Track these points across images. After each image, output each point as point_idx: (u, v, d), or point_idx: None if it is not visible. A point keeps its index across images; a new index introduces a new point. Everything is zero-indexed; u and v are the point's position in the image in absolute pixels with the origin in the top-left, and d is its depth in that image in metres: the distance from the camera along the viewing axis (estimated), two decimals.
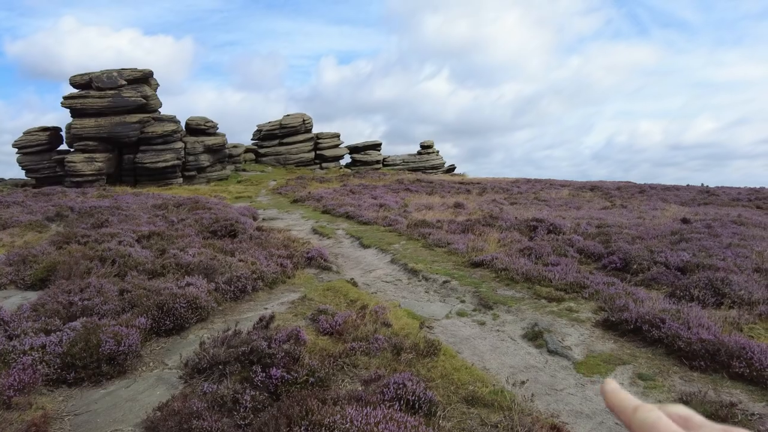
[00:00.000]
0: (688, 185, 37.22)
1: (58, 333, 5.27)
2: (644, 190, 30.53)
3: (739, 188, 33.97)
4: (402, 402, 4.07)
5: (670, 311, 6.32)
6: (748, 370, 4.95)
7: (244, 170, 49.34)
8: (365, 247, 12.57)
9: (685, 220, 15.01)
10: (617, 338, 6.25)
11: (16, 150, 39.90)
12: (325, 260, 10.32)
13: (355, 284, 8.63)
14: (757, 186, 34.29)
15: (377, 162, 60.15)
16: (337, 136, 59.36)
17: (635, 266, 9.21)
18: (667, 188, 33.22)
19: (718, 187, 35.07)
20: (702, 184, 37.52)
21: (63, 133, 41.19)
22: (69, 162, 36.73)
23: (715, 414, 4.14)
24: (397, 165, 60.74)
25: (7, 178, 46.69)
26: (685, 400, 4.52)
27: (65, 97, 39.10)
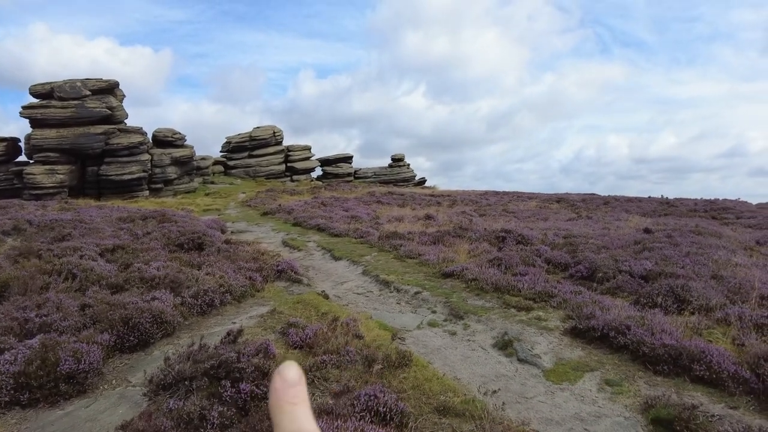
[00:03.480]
0: (649, 197, 38.54)
1: (12, 351, 5.02)
2: (608, 202, 31.46)
3: (696, 200, 35.35)
4: (373, 414, 4.03)
5: (635, 318, 6.49)
6: (708, 373, 5.12)
7: (212, 182, 48.54)
8: (337, 259, 12.49)
9: (647, 230, 15.52)
10: (585, 345, 6.37)
11: None
12: (295, 273, 10.20)
13: (326, 297, 8.55)
14: (713, 197, 35.78)
15: (349, 174, 60.19)
16: (309, 148, 59.19)
17: (601, 275, 9.44)
18: (630, 200, 34.33)
19: (677, 199, 36.43)
20: (662, 196, 38.93)
21: (22, 144, 39.68)
22: (28, 174, 35.37)
23: (678, 416, 4.25)
24: (369, 177, 60.93)
25: None
26: (650, 404, 4.63)
27: (24, 107, 37.76)
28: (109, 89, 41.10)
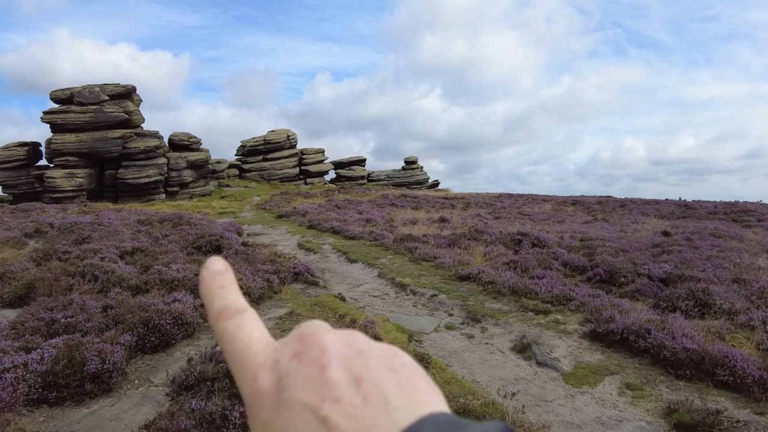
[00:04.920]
0: (666, 199, 38.02)
1: (39, 351, 5.13)
2: (625, 204, 31.10)
3: (715, 202, 34.80)
4: None
5: (655, 322, 6.42)
6: (732, 378, 5.04)
7: (227, 186, 49.03)
8: (352, 261, 12.54)
9: (665, 233, 15.32)
10: (604, 349, 6.31)
11: None
12: (311, 275, 10.26)
13: (342, 299, 8.59)
14: (732, 200, 35.18)
15: (362, 177, 60.36)
16: (322, 151, 59.49)
17: (619, 278, 9.35)
18: (646, 202, 33.90)
19: (695, 201, 35.88)
20: (680, 198, 38.38)
21: (42, 149, 40.53)
22: (48, 177, 36.10)
23: (702, 421, 4.20)
24: (382, 180, 61.02)
25: None
26: (673, 408, 4.58)
27: (45, 112, 38.60)
28: (127, 94, 41.81)
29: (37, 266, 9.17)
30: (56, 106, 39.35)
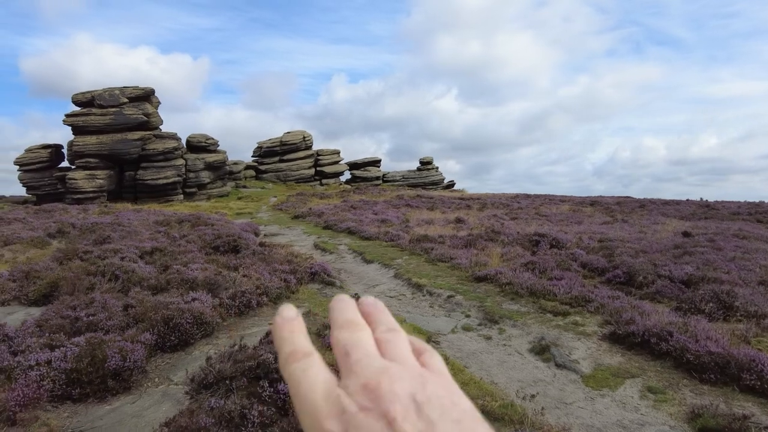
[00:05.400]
0: (687, 200, 37.32)
1: (62, 348, 5.23)
2: (644, 205, 30.60)
3: (738, 202, 34.04)
4: None
5: (677, 324, 6.29)
6: (759, 383, 4.92)
7: (244, 187, 49.50)
8: (368, 262, 12.55)
9: (686, 234, 15.02)
10: (624, 351, 6.21)
11: (18, 167, 40.04)
12: (328, 275, 10.29)
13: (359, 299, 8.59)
14: (757, 200, 34.37)
15: (377, 178, 60.41)
16: (338, 152, 59.71)
17: (640, 279, 9.19)
18: (666, 203, 33.31)
19: (717, 202, 35.14)
20: (701, 199, 37.63)
21: (64, 151, 41.40)
22: (70, 179, 36.85)
23: (728, 427, 4.10)
24: (397, 181, 61.01)
25: (8, 195, 46.77)
26: (697, 413, 4.48)
27: (67, 115, 39.42)
28: (145, 96, 42.48)
29: (60, 265, 9.36)
30: (78, 109, 40.17)
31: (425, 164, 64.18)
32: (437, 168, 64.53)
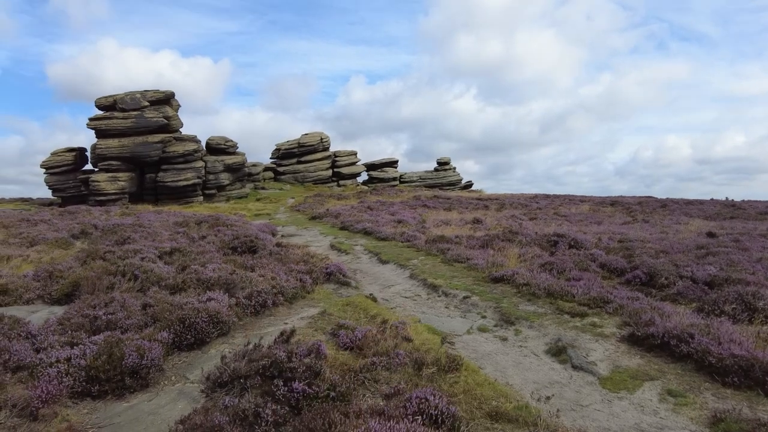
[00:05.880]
0: (712, 199, 36.45)
1: (82, 346, 5.34)
2: (666, 205, 29.98)
3: (766, 202, 33.11)
4: (425, 416, 4.00)
5: (699, 326, 6.13)
6: None
7: (263, 188, 49.97)
8: (383, 262, 12.54)
9: (710, 234, 14.66)
10: (644, 353, 6.08)
11: (44, 170, 41.11)
12: (344, 275, 10.32)
13: (374, 299, 8.59)
14: None
15: (394, 179, 60.39)
16: (354, 153, 59.88)
17: (660, 281, 8.99)
18: (690, 202, 32.58)
19: (744, 201, 34.26)
20: (726, 198, 36.72)
21: (88, 154, 42.34)
22: (93, 181, 37.68)
23: None
24: (414, 181, 60.87)
25: (35, 197, 48.06)
26: (719, 417, 4.35)
27: (91, 119, 40.32)
28: (166, 99, 43.21)
29: (82, 265, 9.56)
30: (100, 112, 41.09)
31: (442, 164, 63.93)
32: (455, 168, 64.24)
